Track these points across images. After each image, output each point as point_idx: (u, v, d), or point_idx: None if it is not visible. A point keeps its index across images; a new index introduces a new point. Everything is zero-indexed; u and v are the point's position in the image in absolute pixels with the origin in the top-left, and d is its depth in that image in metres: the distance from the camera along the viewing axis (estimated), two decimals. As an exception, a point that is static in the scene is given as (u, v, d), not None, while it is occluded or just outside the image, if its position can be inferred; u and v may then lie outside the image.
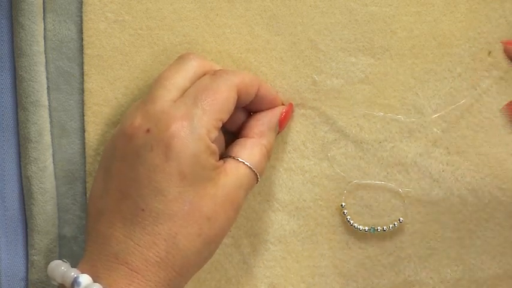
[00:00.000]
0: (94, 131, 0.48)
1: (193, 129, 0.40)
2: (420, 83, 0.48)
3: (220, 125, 0.42)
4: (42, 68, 0.48)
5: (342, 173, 0.48)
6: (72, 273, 0.40)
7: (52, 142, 0.48)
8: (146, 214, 0.40)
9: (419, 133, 0.48)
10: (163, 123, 0.40)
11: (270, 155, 0.46)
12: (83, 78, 0.48)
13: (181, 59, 0.44)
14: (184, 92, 0.42)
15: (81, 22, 0.48)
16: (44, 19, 0.48)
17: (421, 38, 0.48)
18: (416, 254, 0.48)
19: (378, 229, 0.48)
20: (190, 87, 0.43)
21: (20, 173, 0.49)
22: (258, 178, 0.44)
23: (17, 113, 0.48)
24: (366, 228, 0.48)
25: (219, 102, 0.42)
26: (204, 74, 0.44)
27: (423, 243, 0.48)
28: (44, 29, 0.48)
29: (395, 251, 0.48)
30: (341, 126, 0.48)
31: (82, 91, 0.48)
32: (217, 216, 0.41)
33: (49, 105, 0.48)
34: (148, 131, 0.40)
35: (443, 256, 0.48)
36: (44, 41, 0.48)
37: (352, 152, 0.48)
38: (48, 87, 0.48)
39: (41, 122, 0.48)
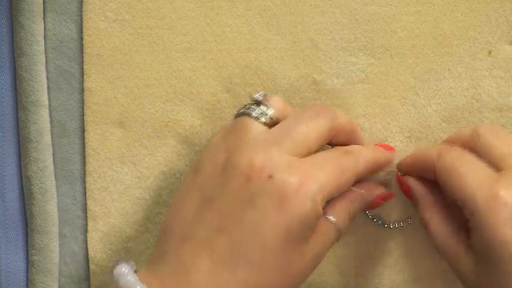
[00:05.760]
0: (94, 131, 0.48)
1: (313, 192, 0.39)
2: (420, 83, 0.48)
3: (330, 199, 0.41)
4: (42, 68, 0.48)
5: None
6: (138, 287, 0.39)
7: (52, 142, 0.48)
8: (241, 258, 0.38)
9: (420, 133, 0.48)
10: (287, 174, 0.39)
11: (352, 220, 0.45)
12: (83, 77, 0.48)
13: (316, 114, 0.42)
14: (310, 151, 0.41)
15: (81, 21, 0.48)
16: (44, 18, 0.48)
17: (422, 37, 0.48)
18: (416, 253, 0.48)
19: (385, 225, 0.48)
20: (319, 146, 0.42)
21: (20, 173, 0.49)
22: (339, 239, 0.43)
23: (17, 113, 0.48)
24: (374, 219, 0.48)
25: (341, 183, 0.41)
26: (336, 132, 0.43)
27: (424, 242, 0.48)
28: (44, 28, 0.48)
29: (395, 250, 0.48)
30: (341, 126, 0.48)
31: (82, 90, 0.48)
32: (300, 274, 0.40)
33: (49, 105, 0.48)
34: (270, 177, 0.39)
35: (444, 256, 0.48)
36: (44, 41, 0.48)
37: (353, 152, 0.48)
38: (48, 87, 0.48)
39: (41, 122, 0.48)
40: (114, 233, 0.49)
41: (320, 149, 0.42)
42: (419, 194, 0.45)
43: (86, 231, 0.49)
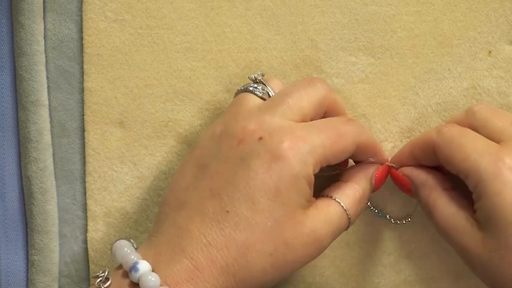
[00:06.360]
0: (94, 130, 0.48)
1: (304, 153, 0.39)
2: (420, 83, 0.48)
3: (325, 165, 0.41)
4: (42, 68, 0.48)
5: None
6: (133, 257, 0.39)
7: (52, 142, 0.48)
8: (229, 216, 0.39)
9: (420, 133, 0.48)
10: (278, 135, 0.40)
11: (364, 203, 0.44)
12: (83, 77, 0.48)
13: (310, 82, 0.43)
14: (305, 117, 0.42)
15: (81, 21, 0.48)
16: (44, 18, 0.48)
17: (421, 37, 0.48)
18: (417, 253, 0.48)
19: (387, 216, 0.48)
20: (313, 114, 0.42)
21: (20, 172, 0.49)
22: (349, 221, 0.42)
23: (17, 113, 0.48)
24: (376, 210, 0.48)
25: (338, 149, 0.41)
26: (328, 105, 0.43)
27: (424, 242, 0.48)
28: (44, 28, 0.48)
29: (395, 250, 0.48)
30: (341, 126, 0.48)
31: (82, 90, 0.48)
32: (295, 246, 0.40)
33: (49, 105, 0.48)
34: (260, 138, 0.40)
35: (445, 254, 0.48)
36: (44, 41, 0.48)
37: (353, 152, 0.48)
38: (48, 87, 0.48)
39: (41, 122, 0.48)
40: (114, 233, 0.49)
41: (317, 118, 0.43)
42: (420, 180, 0.44)
43: (86, 231, 0.49)
